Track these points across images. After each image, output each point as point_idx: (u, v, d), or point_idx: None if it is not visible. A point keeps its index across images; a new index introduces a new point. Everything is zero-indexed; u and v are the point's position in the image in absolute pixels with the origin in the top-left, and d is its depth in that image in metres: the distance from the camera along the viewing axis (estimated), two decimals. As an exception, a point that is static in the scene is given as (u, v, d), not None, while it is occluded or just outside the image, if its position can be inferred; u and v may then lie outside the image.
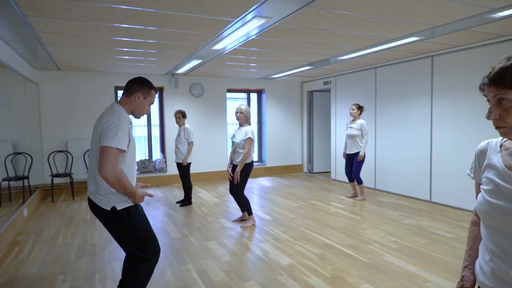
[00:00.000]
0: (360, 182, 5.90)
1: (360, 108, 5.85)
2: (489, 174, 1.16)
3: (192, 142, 5.70)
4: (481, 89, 1.11)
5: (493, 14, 3.50)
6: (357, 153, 5.82)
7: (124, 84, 2.39)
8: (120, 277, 2.52)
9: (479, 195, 1.18)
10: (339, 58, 5.79)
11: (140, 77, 2.37)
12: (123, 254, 3.38)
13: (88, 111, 6.95)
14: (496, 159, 1.16)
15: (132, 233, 2.27)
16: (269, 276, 3.11)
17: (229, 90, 8.57)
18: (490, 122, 1.12)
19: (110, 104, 2.30)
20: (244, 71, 7.33)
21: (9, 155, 4.85)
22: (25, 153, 5.54)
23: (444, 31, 4.16)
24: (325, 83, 8.16)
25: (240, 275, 3.14)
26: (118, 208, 2.17)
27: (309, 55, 5.61)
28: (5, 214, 4.40)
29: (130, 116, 2.36)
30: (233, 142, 4.58)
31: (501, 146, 1.18)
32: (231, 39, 4.40)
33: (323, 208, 5.46)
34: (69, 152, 6.79)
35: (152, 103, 2.43)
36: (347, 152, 6.01)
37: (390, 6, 3.25)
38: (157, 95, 7.99)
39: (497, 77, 1.03)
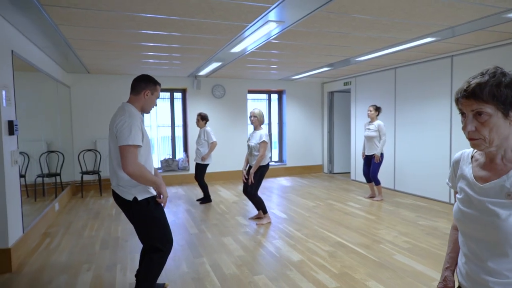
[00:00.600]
0: (377, 183, 5.90)
1: (377, 109, 5.85)
2: (462, 184, 1.24)
3: (214, 142, 5.86)
4: (456, 101, 1.16)
5: (509, 14, 3.46)
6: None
7: None
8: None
9: (455, 204, 1.25)
10: (357, 59, 5.82)
11: (144, 75, 2.55)
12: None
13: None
14: (467, 170, 1.24)
15: (150, 222, 2.48)
16: (278, 271, 3.23)
17: (250, 91, 8.73)
18: None
19: (121, 104, 2.49)
20: (264, 72, 7.46)
21: (43, 153, 5.21)
22: (58, 151, 5.91)
23: (460, 31, 4.13)
24: (345, 84, 8.17)
25: (251, 269, 3.28)
26: (139, 199, 2.40)
27: (326, 57, 5.68)
28: (39, 208, 4.74)
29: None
30: (248, 146, 4.73)
31: (472, 157, 1.26)
32: (248, 42, 4.55)
33: (339, 208, 5.52)
34: (98, 151, 7.18)
35: (158, 97, 2.62)
36: (366, 153, 6.02)
37: (400, 9, 3.29)
38: (180, 96, 8.28)
39: (476, 92, 1.08)
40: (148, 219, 2.47)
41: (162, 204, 2.52)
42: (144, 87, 2.49)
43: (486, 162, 1.20)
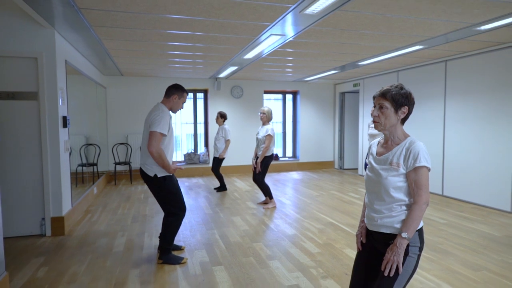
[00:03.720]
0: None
1: (378, 109, 6.41)
2: (370, 158, 1.94)
3: (228, 140, 6.66)
4: (373, 98, 1.88)
5: (478, 27, 4.00)
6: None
7: None
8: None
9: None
10: (359, 63, 6.42)
11: (176, 84, 3.36)
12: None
13: (145, 109, 8.21)
14: (374, 149, 1.95)
15: (166, 194, 3.26)
16: (274, 240, 3.94)
17: (266, 92, 9.45)
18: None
19: (157, 103, 3.31)
20: (279, 75, 8.16)
21: (82, 145, 6.10)
22: (95, 144, 6.83)
23: (443, 40, 4.68)
24: (355, 85, 8.74)
25: (251, 238, 4.01)
26: (158, 176, 3.17)
27: (330, 61, 6.31)
28: (79, 193, 5.64)
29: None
30: (256, 138, 5.46)
31: (379, 142, 1.96)
32: (257, 50, 5.27)
33: (339, 197, 6.15)
34: (129, 144, 8.11)
35: (184, 102, 3.39)
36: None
37: (381, 24, 3.92)
38: (202, 96, 9.11)
39: (384, 93, 1.81)
40: (165, 192, 3.24)
41: (178, 169, 3.23)
42: (174, 93, 3.30)
43: (384, 143, 1.89)
